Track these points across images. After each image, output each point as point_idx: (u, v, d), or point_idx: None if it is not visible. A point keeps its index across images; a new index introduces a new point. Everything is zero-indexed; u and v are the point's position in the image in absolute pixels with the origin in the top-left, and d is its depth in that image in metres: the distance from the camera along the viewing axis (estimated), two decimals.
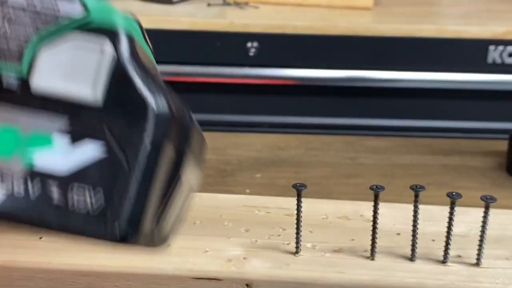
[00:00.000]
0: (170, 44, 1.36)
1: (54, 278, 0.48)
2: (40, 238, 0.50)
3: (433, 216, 0.54)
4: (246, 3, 1.47)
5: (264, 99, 1.44)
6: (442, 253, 0.48)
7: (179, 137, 0.38)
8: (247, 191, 0.65)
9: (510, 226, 0.53)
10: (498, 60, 1.36)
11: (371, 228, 0.48)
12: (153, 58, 0.45)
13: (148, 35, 1.52)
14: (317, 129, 1.43)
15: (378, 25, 1.37)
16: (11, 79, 0.35)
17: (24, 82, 0.35)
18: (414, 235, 0.48)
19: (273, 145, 0.77)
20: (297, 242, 0.49)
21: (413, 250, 0.48)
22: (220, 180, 0.67)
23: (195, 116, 1.36)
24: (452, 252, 0.48)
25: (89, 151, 0.35)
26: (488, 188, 0.68)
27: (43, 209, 0.36)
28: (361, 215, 0.54)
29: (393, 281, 0.46)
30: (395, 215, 0.54)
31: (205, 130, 0.96)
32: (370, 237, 0.48)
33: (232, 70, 1.39)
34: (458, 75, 1.39)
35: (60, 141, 0.35)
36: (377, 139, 0.80)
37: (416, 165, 0.72)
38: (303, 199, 0.48)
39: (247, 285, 0.47)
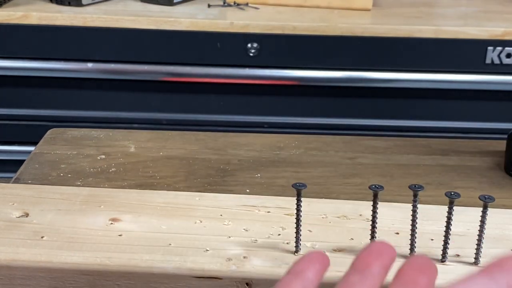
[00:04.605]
0: (170, 45, 1.37)
1: (56, 277, 0.48)
2: (42, 237, 0.50)
3: (432, 215, 0.54)
4: (246, 4, 1.47)
5: (264, 99, 1.44)
6: (441, 252, 0.48)
7: None
8: (247, 191, 0.65)
9: (508, 226, 0.53)
10: (496, 61, 1.36)
11: (370, 227, 0.48)
12: None
13: (148, 36, 1.54)
14: (316, 129, 1.43)
15: (377, 26, 1.37)
16: None
17: None
18: (413, 234, 0.48)
19: (273, 145, 0.77)
20: (297, 241, 0.49)
21: (412, 249, 0.49)
22: (220, 180, 0.67)
23: (196, 116, 1.38)
24: (450, 251, 0.49)
25: None
26: (486, 188, 0.68)
27: None
28: (360, 215, 0.54)
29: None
30: (394, 215, 0.54)
31: (205, 130, 0.96)
32: (369, 236, 0.48)
33: (232, 70, 1.39)
34: (456, 75, 1.39)
35: None
36: (376, 139, 0.80)
37: (415, 165, 0.73)
38: (302, 199, 0.48)
39: (247, 283, 0.47)
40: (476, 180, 0.70)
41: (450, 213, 0.47)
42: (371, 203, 0.48)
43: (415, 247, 0.48)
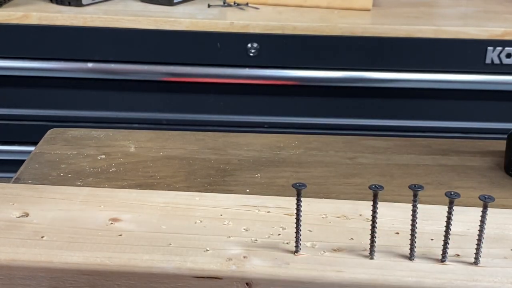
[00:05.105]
0: (170, 45, 1.37)
1: (56, 277, 0.48)
2: (42, 237, 0.50)
3: (432, 215, 0.54)
4: (246, 4, 1.47)
5: (264, 99, 1.44)
6: (441, 252, 0.48)
7: None
8: (247, 191, 0.65)
9: (508, 225, 0.53)
10: (496, 61, 1.36)
11: (370, 227, 0.48)
12: None
13: (148, 36, 1.54)
14: (316, 129, 1.43)
15: (377, 26, 1.37)
16: None
17: None
18: (413, 234, 0.48)
19: (273, 145, 0.77)
20: (297, 241, 0.49)
21: (412, 249, 0.49)
22: (220, 180, 0.67)
23: (196, 116, 1.38)
24: (450, 251, 0.49)
25: None
26: (486, 188, 0.68)
27: None
28: (360, 215, 0.54)
29: (392, 280, 0.46)
30: (394, 215, 0.54)
31: (205, 130, 0.96)
32: (369, 236, 0.48)
33: (232, 70, 1.39)
34: (456, 75, 1.39)
35: None
36: (376, 139, 0.80)
37: (415, 165, 0.73)
38: (302, 199, 0.48)
39: (247, 283, 0.47)
40: (476, 180, 0.70)
41: (450, 213, 0.47)
42: (371, 203, 0.48)
43: (415, 247, 0.48)
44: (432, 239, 0.51)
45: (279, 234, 0.52)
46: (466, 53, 1.37)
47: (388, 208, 0.55)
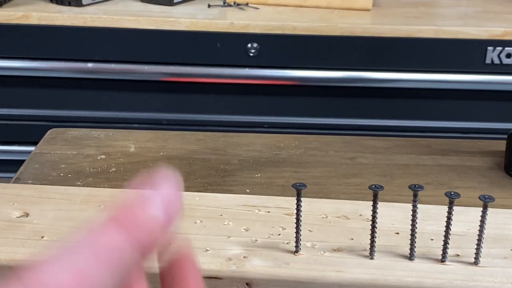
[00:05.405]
0: (170, 45, 1.37)
1: None
2: (42, 237, 0.50)
3: (432, 215, 0.54)
4: (246, 4, 1.47)
5: (264, 99, 1.44)
6: (441, 252, 0.48)
7: None
8: (247, 191, 0.65)
9: (508, 226, 0.53)
10: (496, 61, 1.36)
11: (370, 227, 0.48)
12: None
13: (148, 36, 1.54)
14: (316, 129, 1.43)
15: (377, 26, 1.37)
16: None
17: None
18: (413, 234, 0.48)
19: (273, 145, 0.77)
20: (297, 241, 0.49)
21: (412, 249, 0.49)
22: (220, 180, 0.67)
23: (196, 116, 1.39)
24: (450, 251, 0.49)
25: None
26: (486, 188, 0.68)
27: None
28: (360, 215, 0.54)
29: (392, 280, 0.46)
30: (394, 215, 0.54)
31: (205, 130, 0.96)
32: (369, 236, 0.48)
33: (232, 70, 1.39)
34: (456, 75, 1.39)
35: None
36: (376, 139, 0.80)
37: (415, 165, 0.73)
38: (302, 199, 0.48)
39: (247, 283, 0.47)
40: (476, 180, 0.70)
41: (450, 213, 0.47)
42: (371, 203, 0.48)
43: (415, 247, 0.48)
44: (432, 239, 0.51)
45: (279, 234, 0.52)
46: (466, 53, 1.37)
47: (388, 208, 0.55)
